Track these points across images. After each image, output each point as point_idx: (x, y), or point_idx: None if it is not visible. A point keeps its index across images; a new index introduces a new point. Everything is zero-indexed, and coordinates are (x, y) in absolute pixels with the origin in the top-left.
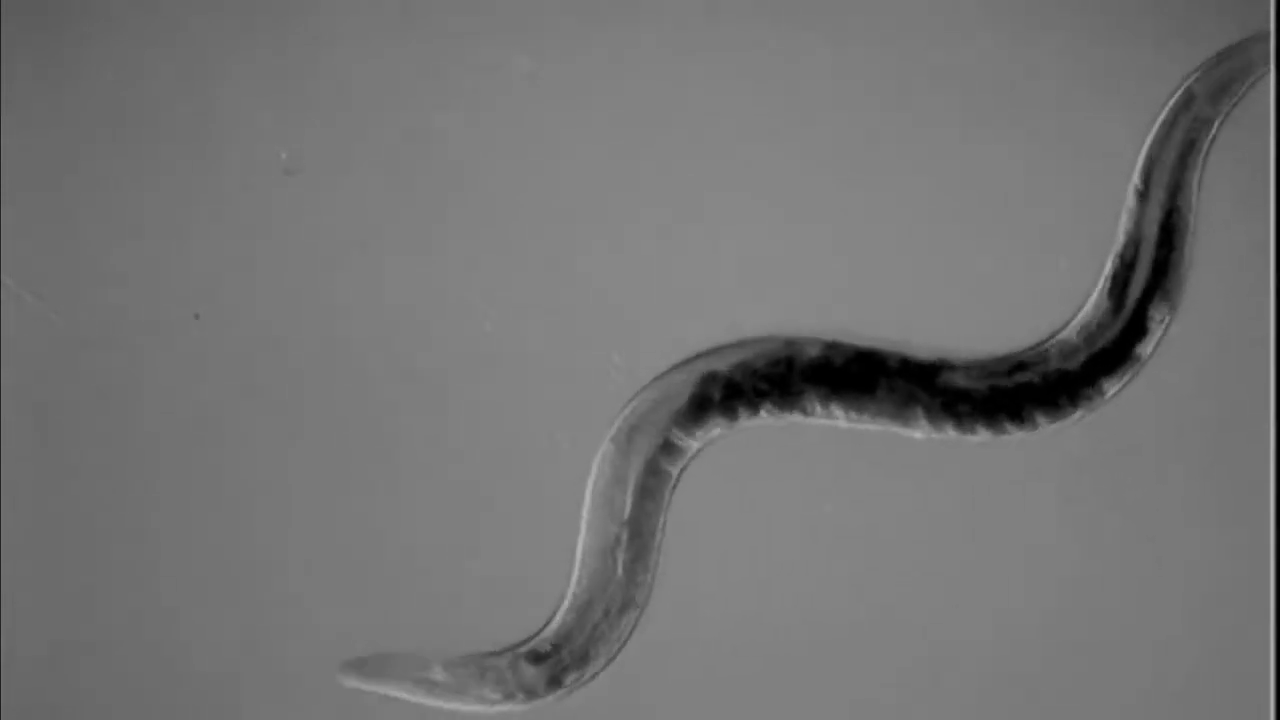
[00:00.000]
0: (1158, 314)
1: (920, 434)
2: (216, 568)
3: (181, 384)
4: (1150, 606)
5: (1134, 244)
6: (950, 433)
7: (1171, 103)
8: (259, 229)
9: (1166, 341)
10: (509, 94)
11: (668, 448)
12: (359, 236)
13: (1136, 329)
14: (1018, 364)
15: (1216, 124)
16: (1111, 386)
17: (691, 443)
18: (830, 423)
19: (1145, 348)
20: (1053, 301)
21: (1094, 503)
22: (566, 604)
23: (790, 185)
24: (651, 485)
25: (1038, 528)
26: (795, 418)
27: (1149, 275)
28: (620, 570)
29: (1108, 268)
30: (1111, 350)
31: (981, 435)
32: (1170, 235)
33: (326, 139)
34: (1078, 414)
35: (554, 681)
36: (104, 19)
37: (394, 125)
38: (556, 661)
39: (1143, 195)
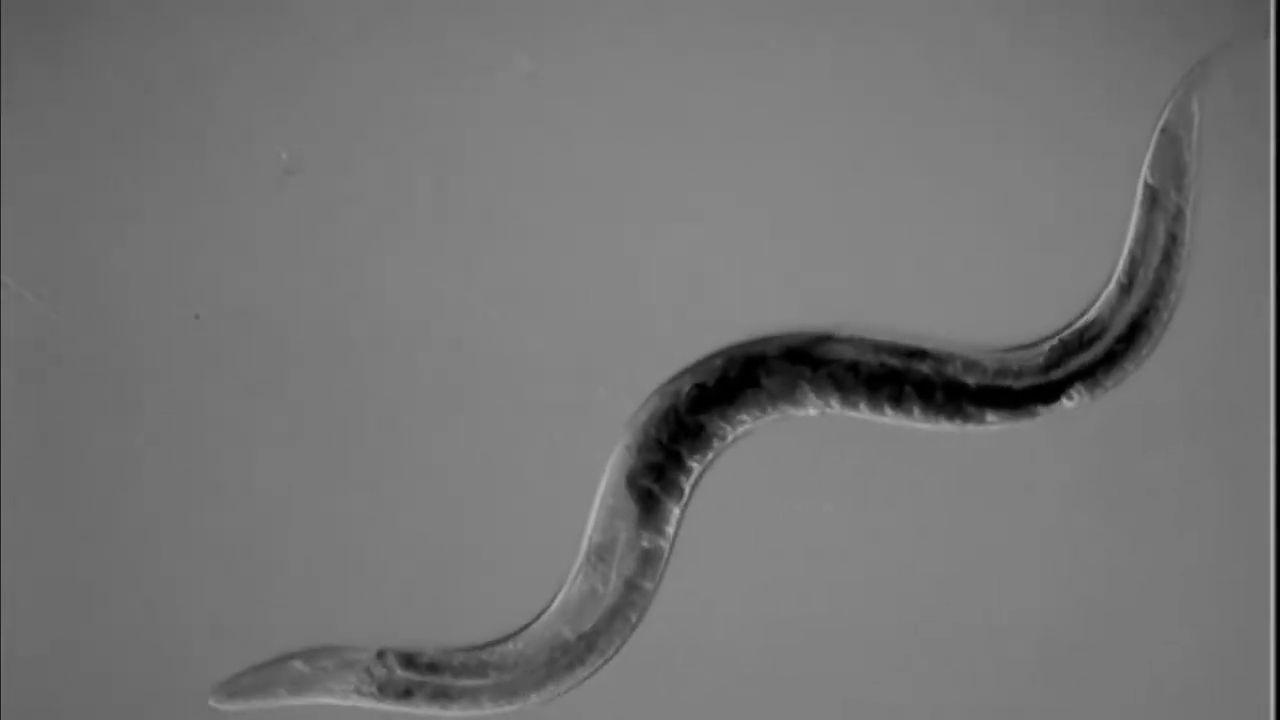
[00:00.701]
0: (1077, 393)
1: (814, 410)
2: (217, 568)
3: (182, 384)
4: (1144, 607)
5: (1100, 328)
6: (836, 406)
7: (1139, 201)
8: (259, 229)
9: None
10: (509, 94)
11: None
12: (359, 236)
13: (1050, 393)
14: (919, 351)
15: (1189, 208)
16: (993, 419)
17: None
18: (746, 430)
19: (1043, 410)
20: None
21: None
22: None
23: (788, 185)
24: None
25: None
26: (716, 448)
27: (1093, 360)
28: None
29: (1065, 334)
30: (1013, 394)
31: (862, 411)
32: (1134, 331)
33: (326, 139)
34: (952, 424)
35: (405, 694)
36: (104, 19)
37: (394, 125)
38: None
39: (1125, 289)
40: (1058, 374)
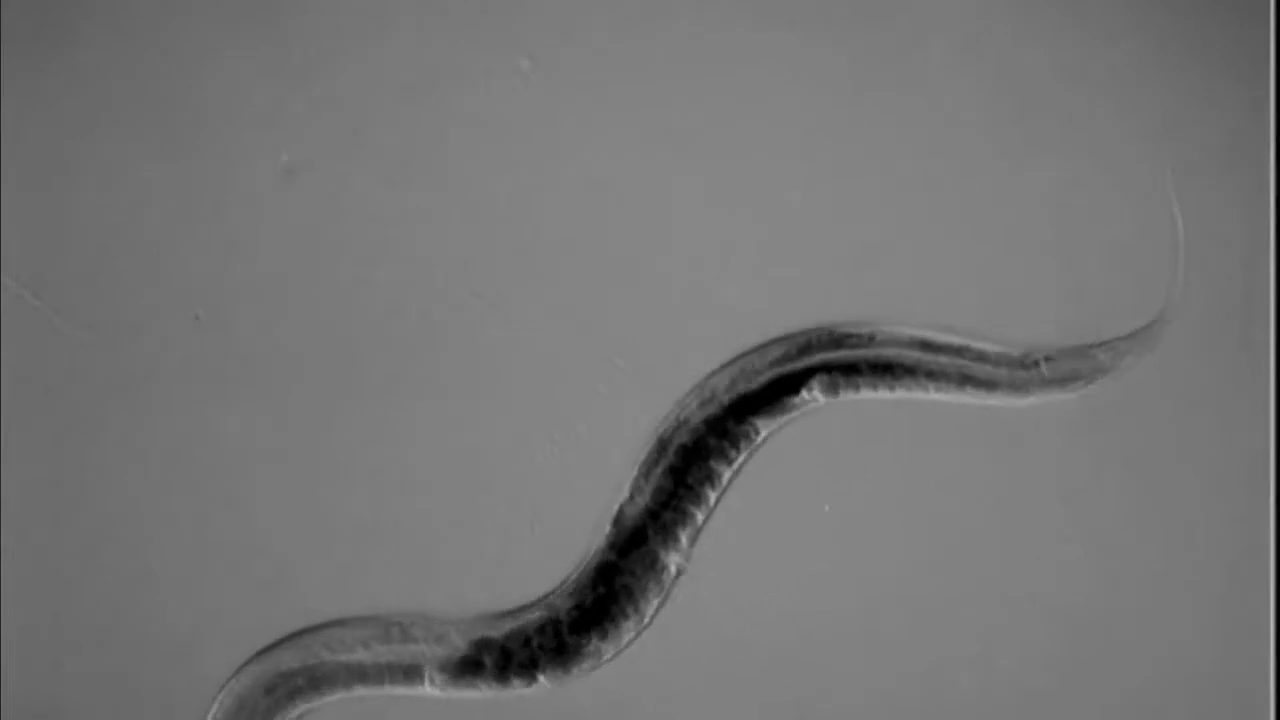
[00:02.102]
0: (818, 385)
1: (677, 561)
2: (217, 569)
3: (182, 385)
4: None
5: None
6: (682, 537)
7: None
8: (259, 229)
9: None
10: (508, 94)
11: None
12: (360, 236)
13: (791, 385)
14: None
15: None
16: (765, 427)
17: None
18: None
19: (794, 400)
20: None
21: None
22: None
23: (787, 186)
24: None
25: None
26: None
27: (828, 359)
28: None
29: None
30: (759, 396)
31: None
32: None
33: (326, 139)
34: (740, 456)
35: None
36: (104, 18)
37: (394, 125)
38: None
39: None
40: (793, 368)
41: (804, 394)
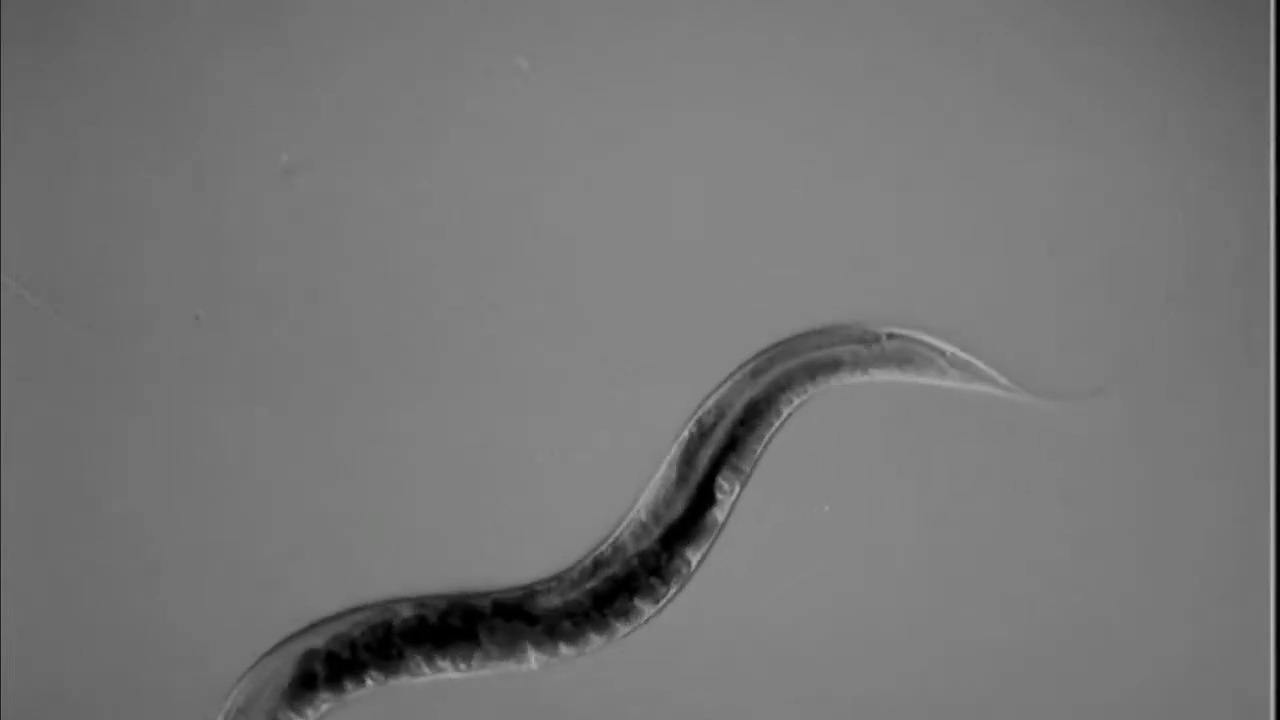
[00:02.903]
0: (726, 483)
1: (535, 664)
2: (218, 570)
3: (182, 385)
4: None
5: (716, 414)
6: (565, 651)
7: (850, 329)
8: (259, 229)
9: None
10: (507, 93)
11: None
12: (360, 236)
13: (705, 498)
14: (596, 563)
15: (866, 375)
16: (694, 555)
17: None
18: (441, 677)
19: (719, 512)
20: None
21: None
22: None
23: (789, 190)
24: None
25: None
26: (404, 680)
27: (719, 448)
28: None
29: (684, 435)
30: (684, 521)
31: (596, 642)
32: (753, 416)
33: (326, 139)
34: (673, 589)
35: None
36: (104, 18)
37: (394, 125)
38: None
39: (756, 375)
40: (695, 479)
41: (719, 495)
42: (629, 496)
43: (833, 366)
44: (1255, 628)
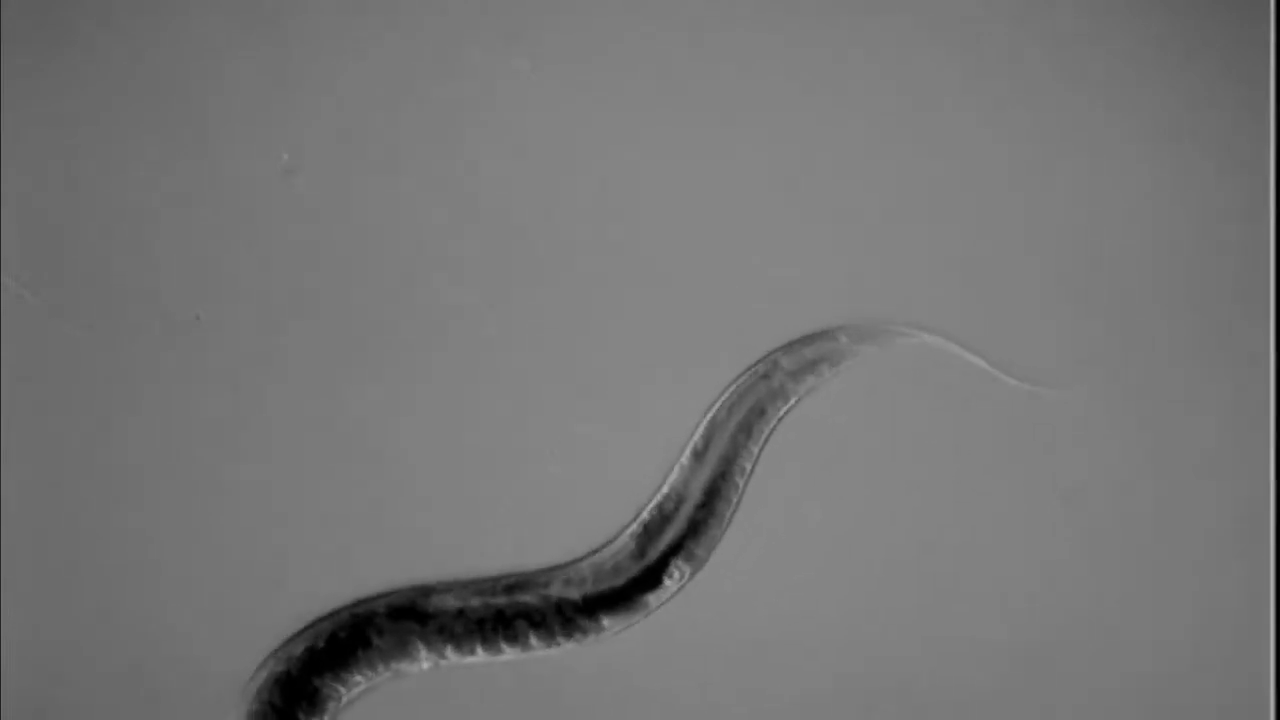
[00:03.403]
0: (677, 570)
1: (427, 663)
2: (218, 571)
3: (182, 386)
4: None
5: (676, 500)
6: (452, 656)
7: (751, 372)
8: (259, 229)
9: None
10: (506, 93)
11: None
12: (360, 236)
13: (651, 579)
14: (514, 585)
15: (793, 399)
16: (612, 625)
17: None
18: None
19: (654, 598)
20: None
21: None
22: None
23: (789, 187)
24: None
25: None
26: (331, 709)
27: (680, 532)
28: None
29: (644, 516)
30: (619, 592)
31: (480, 655)
32: (712, 499)
33: (326, 139)
34: (569, 644)
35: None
36: (104, 18)
37: (394, 125)
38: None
39: (699, 455)
40: (652, 557)
41: (667, 581)
42: (585, 547)
43: (758, 414)
44: (1255, 628)
